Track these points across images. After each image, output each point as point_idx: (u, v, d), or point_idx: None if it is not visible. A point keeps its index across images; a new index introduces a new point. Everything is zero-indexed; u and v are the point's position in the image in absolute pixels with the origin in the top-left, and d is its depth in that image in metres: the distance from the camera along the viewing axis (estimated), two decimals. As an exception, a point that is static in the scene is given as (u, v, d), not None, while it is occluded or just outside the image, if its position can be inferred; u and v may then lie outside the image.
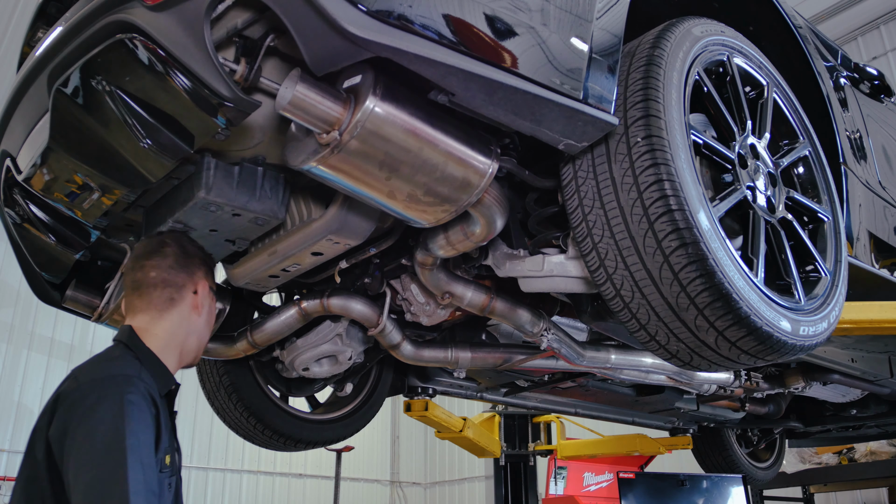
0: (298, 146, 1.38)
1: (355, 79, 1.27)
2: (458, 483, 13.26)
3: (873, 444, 6.06)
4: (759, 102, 1.83)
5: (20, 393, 9.25)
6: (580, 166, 1.49)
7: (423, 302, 2.09)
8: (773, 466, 5.01)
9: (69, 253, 1.81)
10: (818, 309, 1.66)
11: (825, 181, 1.95)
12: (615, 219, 1.42)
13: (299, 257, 1.77)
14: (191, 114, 1.26)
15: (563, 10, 1.35)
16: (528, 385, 3.05)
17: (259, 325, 2.18)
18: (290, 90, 1.22)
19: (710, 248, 1.36)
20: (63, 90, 1.34)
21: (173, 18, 1.17)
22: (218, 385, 2.52)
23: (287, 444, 2.70)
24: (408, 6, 1.14)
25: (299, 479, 11.88)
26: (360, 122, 1.23)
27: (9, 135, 1.66)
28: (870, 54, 8.47)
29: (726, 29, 1.80)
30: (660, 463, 6.72)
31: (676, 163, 1.38)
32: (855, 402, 3.63)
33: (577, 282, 1.68)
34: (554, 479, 6.40)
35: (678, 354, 1.53)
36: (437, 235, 1.70)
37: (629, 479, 4.96)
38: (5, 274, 9.02)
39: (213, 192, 1.49)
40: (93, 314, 2.00)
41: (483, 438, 5.22)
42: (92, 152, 1.46)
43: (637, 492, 4.91)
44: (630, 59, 1.53)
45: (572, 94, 1.31)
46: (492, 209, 1.55)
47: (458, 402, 11.54)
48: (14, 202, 1.75)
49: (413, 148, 1.31)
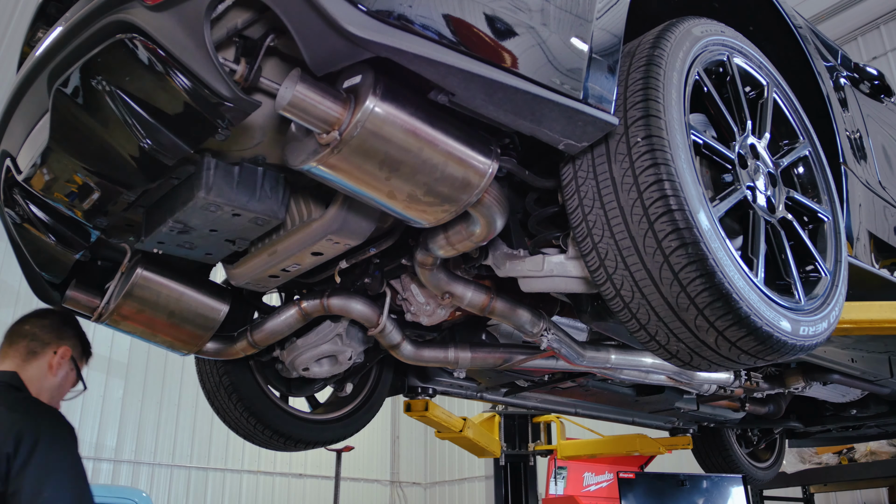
0: (298, 146, 1.38)
1: (355, 79, 1.27)
2: (458, 483, 13.26)
3: (873, 444, 6.06)
4: (759, 102, 1.83)
5: (20, 393, 9.23)
6: (580, 166, 1.49)
7: (423, 302, 2.09)
8: (773, 466, 5.01)
9: (69, 253, 1.81)
10: (818, 309, 1.66)
11: (825, 181, 1.95)
12: (615, 219, 1.42)
13: (299, 257, 1.77)
14: (191, 114, 1.25)
15: (563, 10, 1.35)
16: (528, 385, 3.05)
17: (259, 325, 2.18)
18: (289, 90, 1.22)
19: (710, 248, 1.36)
20: (63, 90, 1.34)
21: (173, 18, 1.17)
22: (218, 385, 2.52)
23: (287, 444, 2.70)
24: (408, 6, 1.14)
25: (299, 479, 11.88)
26: (360, 122, 1.23)
27: (9, 135, 1.66)
28: (870, 54, 8.47)
29: (726, 29, 1.80)
30: (660, 463, 6.72)
31: (676, 163, 1.38)
32: (855, 402, 3.63)
33: (577, 282, 1.68)
34: (554, 479, 6.41)
35: (678, 354, 1.53)
36: (437, 235, 1.70)
37: (629, 479, 4.96)
38: (5, 274, 9.02)
39: (213, 192, 1.49)
40: (92, 314, 2.00)
41: (483, 438, 5.22)
42: (92, 152, 1.46)
43: (637, 492, 4.91)
44: (630, 60, 1.53)
45: (572, 94, 1.31)
46: (492, 209, 1.55)
47: (458, 402, 11.53)
48: (14, 202, 1.75)
49: (413, 148, 1.31)
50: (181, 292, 1.99)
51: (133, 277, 1.89)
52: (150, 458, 10.30)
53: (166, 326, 2.02)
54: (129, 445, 10.16)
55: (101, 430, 9.97)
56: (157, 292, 1.95)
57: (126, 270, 1.95)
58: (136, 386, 10.43)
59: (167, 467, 10.44)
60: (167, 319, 2.00)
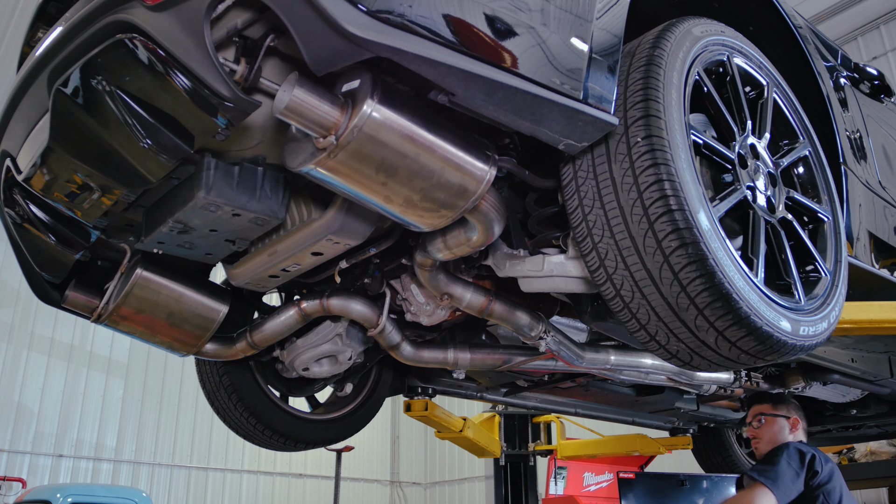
0: (297, 148, 1.38)
1: (353, 83, 1.27)
2: (458, 483, 13.26)
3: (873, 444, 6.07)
4: (759, 102, 1.83)
5: (20, 393, 9.25)
6: (580, 166, 1.49)
7: (423, 302, 2.09)
8: (773, 466, 5.00)
9: (69, 253, 1.81)
10: (818, 309, 1.66)
11: (825, 181, 1.95)
12: (615, 219, 1.41)
13: (299, 257, 1.77)
14: (191, 114, 1.25)
15: (563, 10, 1.35)
16: (528, 385, 3.05)
17: (259, 325, 2.17)
18: (287, 94, 1.22)
19: (710, 248, 1.36)
20: (63, 90, 1.34)
21: (173, 18, 1.17)
22: (218, 385, 2.52)
23: (287, 444, 2.70)
24: (408, 6, 1.14)
25: (299, 479, 11.89)
26: (357, 126, 1.24)
27: (9, 135, 1.66)
28: (870, 54, 8.47)
29: (726, 29, 1.80)
30: (660, 463, 6.72)
31: (676, 163, 1.38)
32: (855, 402, 3.63)
33: (577, 282, 1.68)
34: (554, 479, 6.40)
35: (678, 354, 1.53)
36: (435, 239, 1.70)
37: (629, 479, 4.96)
38: (5, 274, 9.02)
39: (213, 192, 1.49)
40: (92, 314, 2.00)
41: (483, 438, 5.22)
42: (92, 152, 1.46)
43: (637, 492, 4.90)
44: (630, 60, 1.53)
45: (572, 94, 1.31)
46: (489, 216, 1.55)
47: (458, 402, 11.54)
48: (14, 202, 1.75)
49: (410, 153, 1.31)
50: (181, 293, 1.99)
51: (133, 278, 1.89)
52: (150, 458, 10.31)
53: (165, 327, 2.02)
54: (129, 445, 10.17)
55: (101, 430, 9.98)
56: (157, 293, 1.95)
57: (125, 271, 1.95)
58: (136, 386, 10.44)
59: (167, 467, 10.45)
60: (166, 320, 2.00)
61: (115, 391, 10.20)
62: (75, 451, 9.66)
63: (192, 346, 2.11)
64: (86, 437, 9.81)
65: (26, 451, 9.18)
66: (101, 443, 9.92)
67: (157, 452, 10.40)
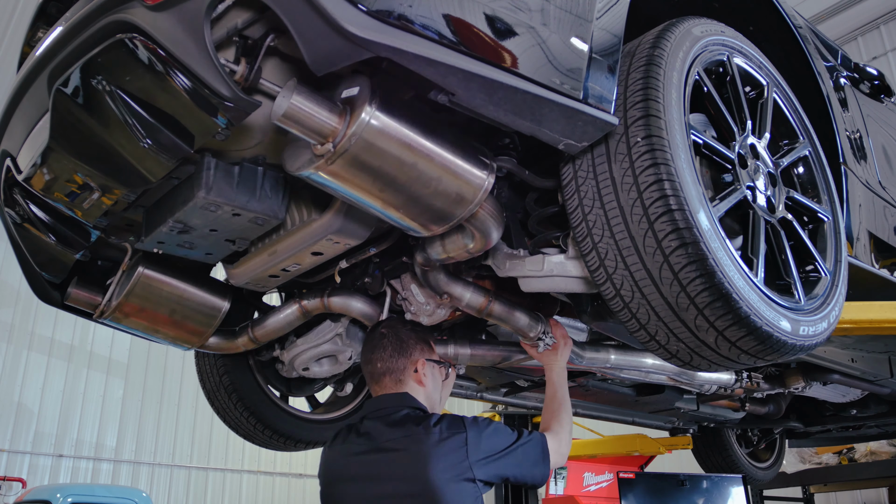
0: (296, 152, 1.38)
1: (352, 90, 1.27)
2: (458, 483, 13.24)
3: (873, 444, 6.07)
4: (759, 102, 1.83)
5: (20, 393, 9.25)
6: (580, 166, 1.49)
7: (423, 301, 2.09)
8: (773, 466, 5.01)
9: (69, 253, 1.81)
10: (818, 309, 1.66)
11: (825, 181, 1.95)
12: (615, 219, 1.41)
13: (299, 257, 1.78)
14: (191, 114, 1.26)
15: (563, 10, 1.35)
16: (528, 385, 3.05)
17: (260, 321, 2.20)
18: (285, 100, 1.22)
19: (709, 248, 1.36)
20: (63, 90, 1.34)
21: (173, 18, 1.17)
22: (218, 385, 2.52)
23: (287, 444, 2.70)
24: (408, 6, 1.14)
25: (299, 479, 11.88)
26: (355, 134, 1.24)
27: (9, 135, 1.66)
28: (870, 54, 8.47)
29: (726, 29, 1.80)
30: (660, 463, 6.72)
31: (676, 163, 1.38)
32: (855, 402, 3.63)
33: (577, 282, 1.68)
34: (554, 478, 6.41)
35: (678, 354, 1.53)
36: (434, 242, 1.71)
37: (629, 479, 4.96)
38: (5, 274, 9.02)
39: (213, 192, 1.49)
40: (94, 311, 2.01)
41: (483, 438, 5.20)
42: (92, 152, 1.46)
43: (637, 492, 4.91)
44: (630, 59, 1.53)
45: (572, 94, 1.31)
46: (487, 223, 1.56)
47: (458, 402, 11.53)
48: (14, 202, 1.75)
49: (408, 161, 1.32)
50: (183, 289, 1.99)
51: (135, 275, 1.89)
52: (150, 458, 10.31)
53: (168, 323, 2.03)
54: (129, 445, 10.17)
55: (101, 430, 9.98)
56: (159, 290, 1.95)
57: (127, 269, 1.95)
58: (136, 386, 10.44)
59: (167, 467, 10.45)
60: (169, 316, 2.01)
61: (115, 391, 10.20)
62: (75, 451, 9.66)
63: (194, 341, 2.13)
64: (86, 437, 9.81)
65: (26, 451, 9.18)
66: (101, 443, 9.92)
67: (157, 452, 10.40)
